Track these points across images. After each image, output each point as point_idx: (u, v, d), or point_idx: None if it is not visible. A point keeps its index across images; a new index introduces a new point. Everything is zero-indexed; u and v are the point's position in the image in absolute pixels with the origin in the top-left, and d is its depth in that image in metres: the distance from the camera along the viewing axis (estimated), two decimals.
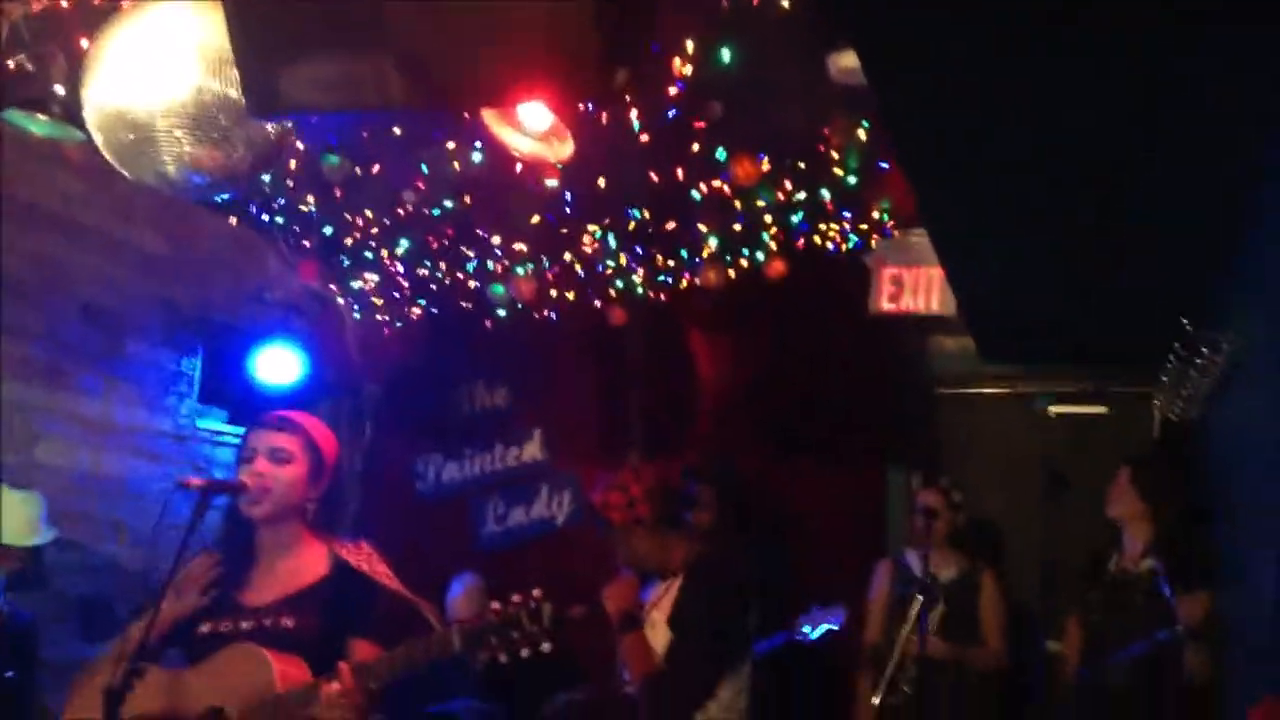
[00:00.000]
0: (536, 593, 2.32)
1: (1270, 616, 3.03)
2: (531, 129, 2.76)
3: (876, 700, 4.49)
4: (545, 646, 2.31)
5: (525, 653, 2.31)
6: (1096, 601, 4.12)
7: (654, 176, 3.92)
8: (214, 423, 5.27)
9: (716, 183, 3.93)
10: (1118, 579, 4.08)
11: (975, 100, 2.71)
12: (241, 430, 2.84)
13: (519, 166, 3.55)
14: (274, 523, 2.65)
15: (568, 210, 4.30)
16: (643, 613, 3.47)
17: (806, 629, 4.57)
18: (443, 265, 4.91)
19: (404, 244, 4.74)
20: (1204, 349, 3.64)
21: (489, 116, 2.72)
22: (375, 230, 4.67)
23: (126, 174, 3.06)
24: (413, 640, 2.40)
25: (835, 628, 4.55)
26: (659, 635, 3.36)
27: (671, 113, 3.42)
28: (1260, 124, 2.70)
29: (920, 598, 4.30)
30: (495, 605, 2.32)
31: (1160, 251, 3.75)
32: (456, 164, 3.73)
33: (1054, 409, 5.47)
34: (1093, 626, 4.10)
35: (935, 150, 3.07)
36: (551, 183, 3.50)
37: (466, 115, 2.91)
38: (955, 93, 2.66)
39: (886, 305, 5.21)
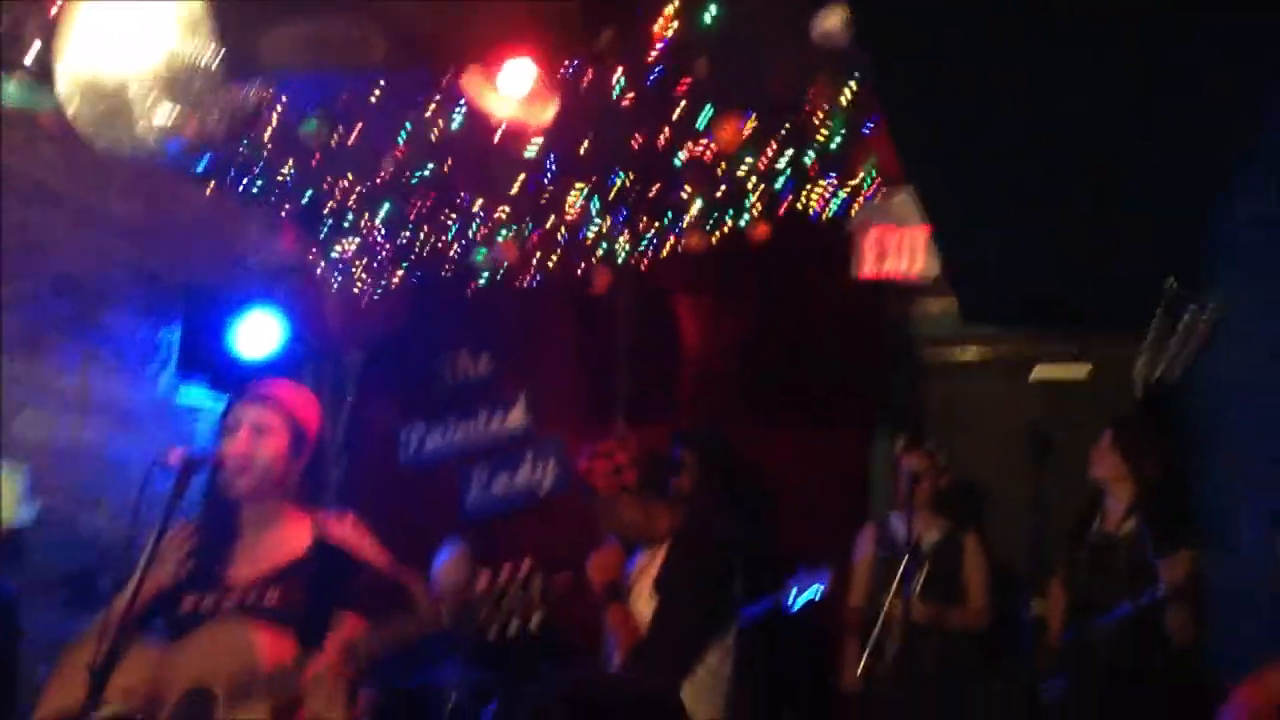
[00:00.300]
0: (527, 564, 2.28)
1: (1254, 575, 3.05)
2: (513, 91, 2.72)
3: (862, 664, 4.53)
4: (535, 620, 2.26)
5: (514, 627, 2.27)
6: (1080, 563, 4.14)
7: (637, 139, 3.88)
8: (194, 393, 5.22)
9: (700, 145, 3.88)
10: (1101, 541, 4.10)
11: (963, 60, 2.68)
12: (222, 399, 2.81)
13: (500, 130, 3.50)
14: (256, 497, 2.62)
15: (550, 174, 4.25)
16: (628, 582, 3.47)
17: (792, 594, 4.58)
18: (424, 231, 4.85)
19: (384, 210, 4.69)
20: (1188, 309, 3.64)
21: (469, 79, 2.68)
22: (355, 196, 4.61)
23: (100, 141, 3.01)
24: (401, 616, 2.37)
25: (820, 593, 4.56)
26: (645, 603, 3.36)
27: (655, 74, 3.37)
28: (1246, 89, 2.69)
29: (904, 561, 4.33)
30: (485, 575, 2.28)
31: (1145, 213, 3.74)
32: (439, 125, 3.67)
33: (1037, 371, 5.47)
34: (1076, 588, 4.12)
35: (922, 111, 3.05)
36: (534, 145, 3.45)
37: (447, 76, 2.86)
38: (943, 53, 2.64)
39: (871, 268, 5.19)
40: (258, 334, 5.15)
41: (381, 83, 3.71)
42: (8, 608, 3.86)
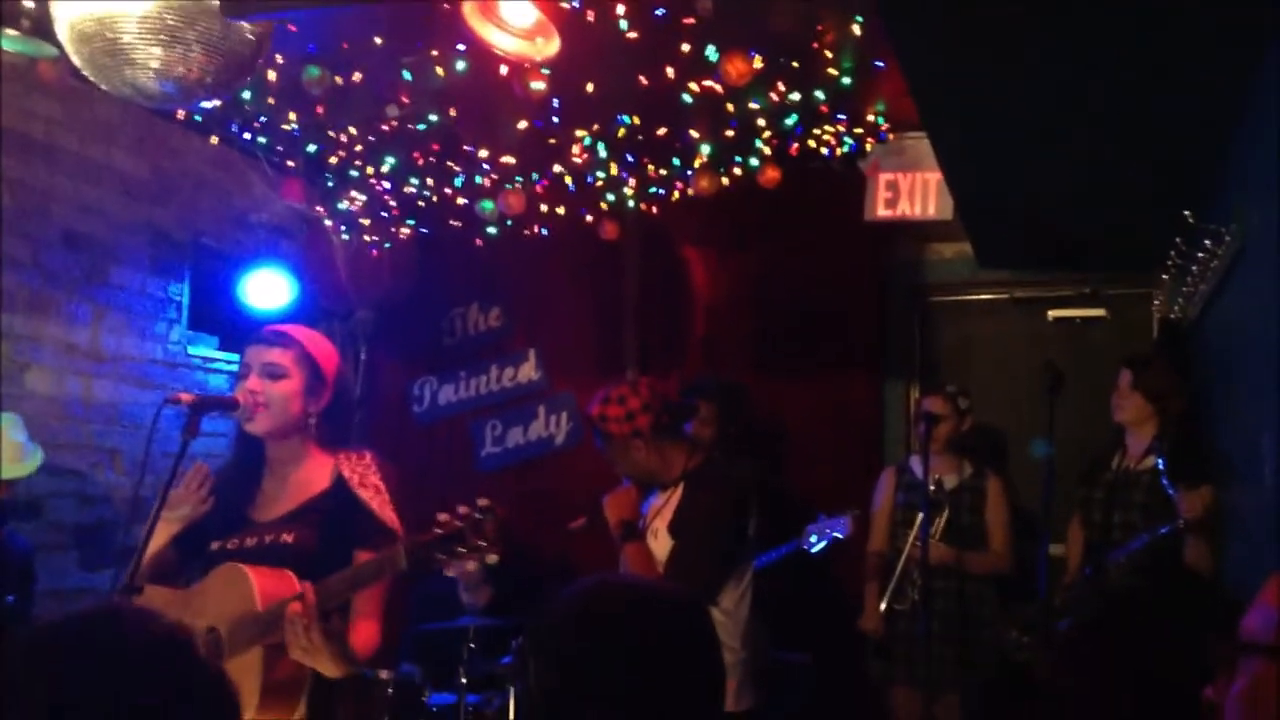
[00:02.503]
0: (483, 502, 2.24)
1: (1273, 509, 3.02)
2: (515, 26, 2.67)
3: (883, 607, 4.53)
4: (491, 559, 2.22)
5: (472, 566, 2.24)
6: (1098, 501, 4.11)
7: (643, 80, 3.82)
8: (205, 349, 5.22)
9: (708, 83, 3.82)
10: (1119, 478, 4.07)
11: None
12: (233, 356, 2.80)
13: (503, 70, 3.45)
14: (276, 438, 2.62)
15: (555, 119, 4.19)
16: (643, 523, 3.46)
17: (813, 539, 4.57)
18: (430, 182, 4.81)
19: (389, 161, 4.64)
20: (1206, 242, 3.59)
21: (471, 13, 2.63)
22: (359, 147, 4.57)
23: (101, 86, 2.97)
24: (366, 560, 2.37)
25: (841, 537, 4.55)
26: (660, 544, 3.35)
27: (660, 10, 3.31)
28: (1264, 12, 2.63)
29: (924, 504, 4.32)
30: (442, 517, 2.23)
31: (1161, 148, 3.69)
32: (440, 70, 3.62)
33: (1052, 313, 5.44)
34: (1094, 525, 4.09)
35: (936, 50, 2.99)
36: (538, 86, 3.40)
37: (447, 6, 2.80)
38: None
39: (882, 211, 5.15)
40: (267, 290, 5.14)
41: (382, 28, 3.67)
42: (23, 561, 3.88)
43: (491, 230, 4.96)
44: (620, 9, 3.20)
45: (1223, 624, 1.34)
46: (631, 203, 4.90)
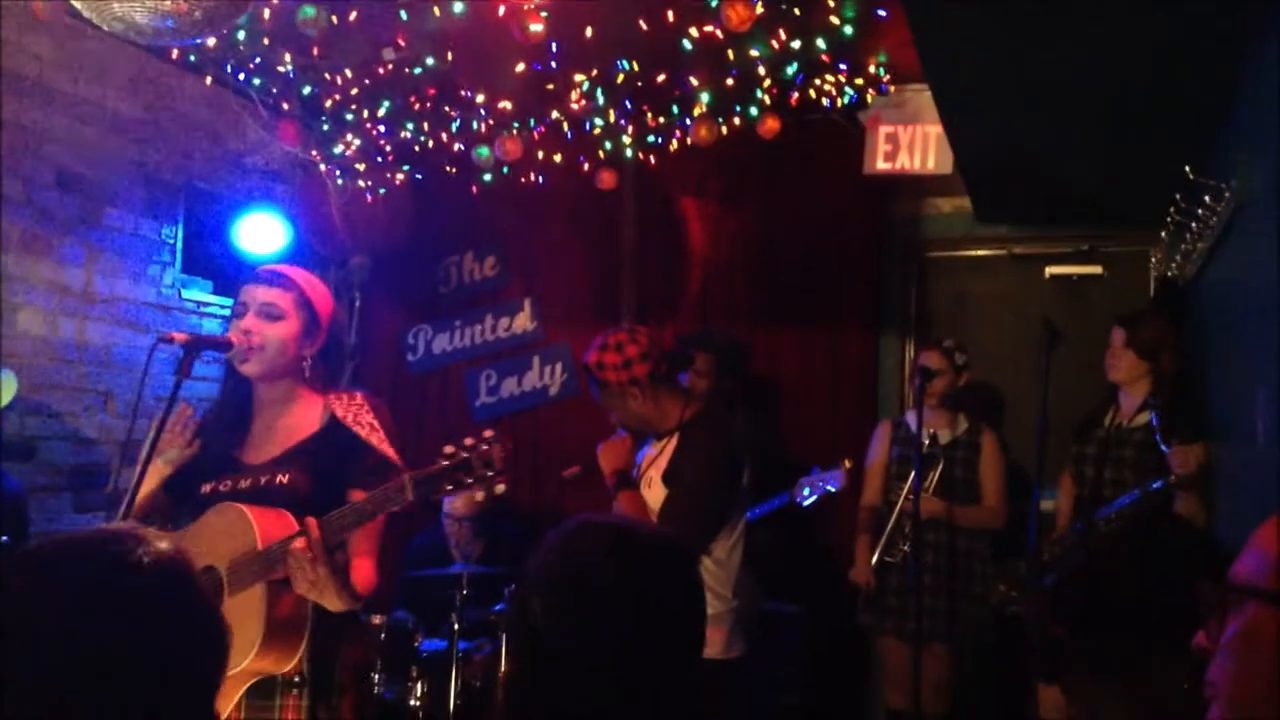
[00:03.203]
0: (487, 433, 2.23)
1: (1266, 467, 3.03)
2: None
3: (874, 559, 4.56)
4: (499, 488, 2.23)
5: (480, 496, 2.25)
6: (1090, 457, 4.12)
7: (643, 24, 3.77)
8: (199, 293, 5.19)
9: (708, 29, 3.77)
10: (1112, 435, 4.08)
11: None
12: (227, 301, 2.76)
13: (501, 12, 3.40)
14: (269, 380, 2.59)
15: (553, 63, 4.14)
16: (638, 471, 3.46)
17: (805, 491, 4.59)
18: (426, 127, 4.76)
19: (385, 105, 4.60)
20: (1206, 198, 3.57)
21: None
22: (355, 91, 4.52)
23: (95, 21, 2.93)
24: (372, 493, 2.34)
25: (834, 490, 4.56)
26: (654, 493, 3.36)
27: None
28: None
29: (918, 458, 4.32)
30: (448, 448, 2.23)
31: (1161, 105, 3.66)
32: (437, 11, 3.57)
33: (1049, 270, 5.42)
34: (1085, 481, 4.11)
35: (939, 3, 2.95)
36: (536, 29, 3.35)
37: None
38: None
39: (882, 164, 5.11)
40: (261, 234, 5.10)
41: None
42: (16, 503, 3.87)
43: (487, 177, 4.92)
44: None
45: (1214, 570, 1.34)
46: (629, 151, 4.86)
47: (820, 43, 4.10)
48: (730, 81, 4.37)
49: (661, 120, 4.68)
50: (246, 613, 2.34)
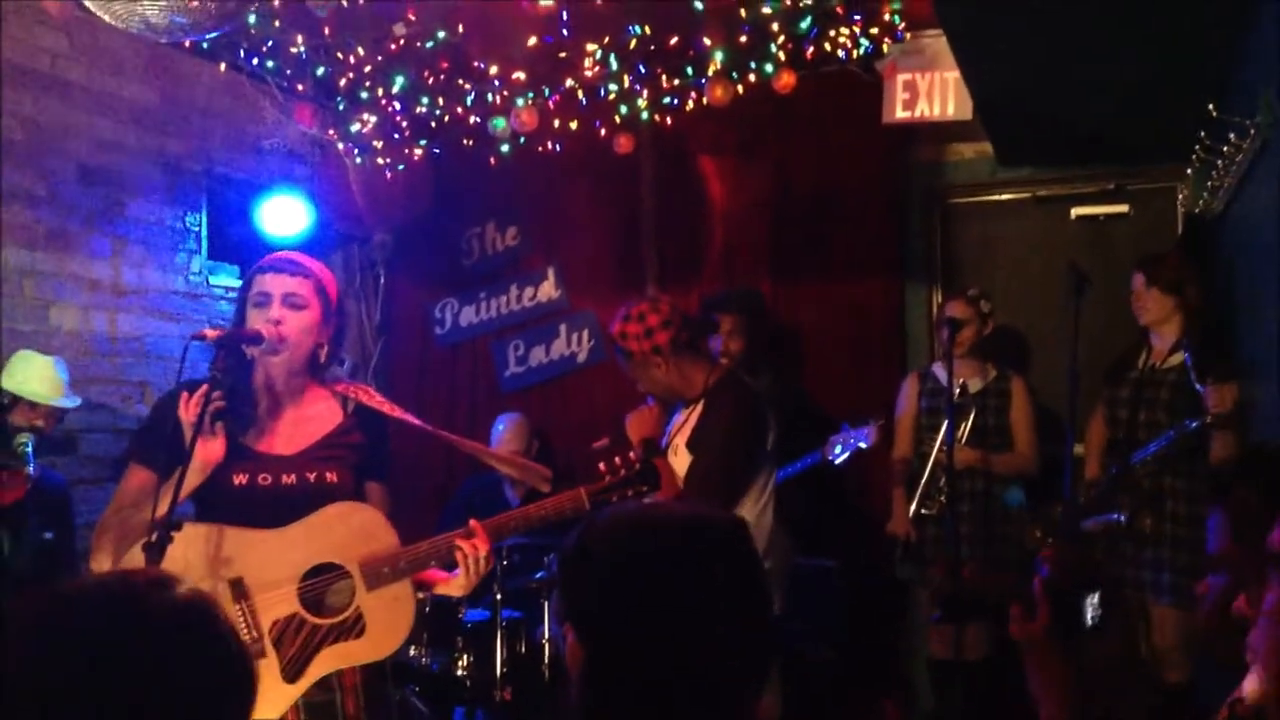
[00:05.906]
0: (632, 454, 2.68)
1: None
2: None
3: (911, 511, 4.57)
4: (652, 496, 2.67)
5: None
6: (1124, 400, 4.11)
7: None
8: (226, 278, 5.24)
9: None
10: (1145, 376, 4.06)
11: None
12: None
13: None
14: (288, 370, 2.55)
15: (565, 32, 4.12)
16: (666, 440, 3.49)
17: (837, 449, 4.59)
18: (440, 101, 4.75)
19: (399, 81, 4.58)
20: (1230, 135, 3.52)
21: None
22: (368, 68, 4.50)
23: (107, 20, 2.95)
24: (543, 500, 2.58)
25: (865, 446, 4.56)
26: (681, 460, 3.38)
27: None
28: None
29: (949, 409, 4.32)
30: (603, 466, 2.65)
31: (1183, 40, 3.60)
32: None
33: (1075, 210, 5.36)
34: (1119, 424, 4.09)
35: None
36: (545, 1, 3.33)
37: None
38: None
39: (901, 113, 5.06)
40: (284, 216, 5.12)
41: None
42: (60, 497, 3.94)
43: (505, 148, 4.91)
44: None
45: None
46: (645, 115, 4.83)
47: None
48: (744, 39, 4.32)
49: (676, 82, 4.63)
50: (398, 608, 2.46)
